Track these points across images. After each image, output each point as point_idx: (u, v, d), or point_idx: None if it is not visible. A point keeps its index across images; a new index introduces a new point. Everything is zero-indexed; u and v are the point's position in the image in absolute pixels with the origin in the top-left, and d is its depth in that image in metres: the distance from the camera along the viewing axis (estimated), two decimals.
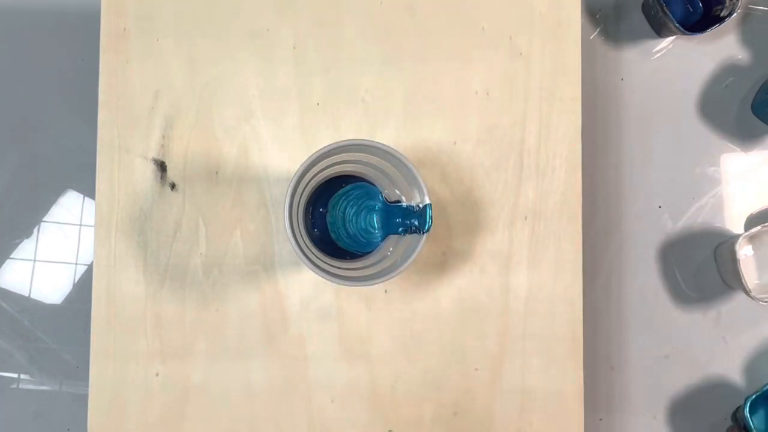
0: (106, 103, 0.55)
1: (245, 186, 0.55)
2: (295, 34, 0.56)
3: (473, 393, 0.55)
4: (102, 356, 0.54)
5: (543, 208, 0.56)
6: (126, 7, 0.56)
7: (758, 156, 0.67)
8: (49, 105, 0.66)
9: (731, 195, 0.67)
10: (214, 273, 0.55)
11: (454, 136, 0.56)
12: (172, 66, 0.56)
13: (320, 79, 0.56)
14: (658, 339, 0.66)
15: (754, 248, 0.64)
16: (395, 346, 0.55)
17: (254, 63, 0.56)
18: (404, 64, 0.56)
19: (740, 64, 0.67)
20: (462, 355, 0.55)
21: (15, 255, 0.65)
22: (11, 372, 0.64)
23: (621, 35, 0.67)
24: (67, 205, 0.65)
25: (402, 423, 0.55)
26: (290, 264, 0.55)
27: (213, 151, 0.55)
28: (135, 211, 0.55)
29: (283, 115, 0.56)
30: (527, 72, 0.57)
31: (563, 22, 0.57)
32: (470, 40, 0.57)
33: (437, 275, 0.55)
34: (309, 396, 0.55)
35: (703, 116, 0.67)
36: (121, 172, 0.55)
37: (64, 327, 0.65)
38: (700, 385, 0.66)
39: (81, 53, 0.66)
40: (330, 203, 0.53)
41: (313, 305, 0.55)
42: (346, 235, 0.53)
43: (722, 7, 0.63)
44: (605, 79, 0.66)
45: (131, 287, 0.54)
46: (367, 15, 0.57)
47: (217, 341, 0.55)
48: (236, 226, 0.55)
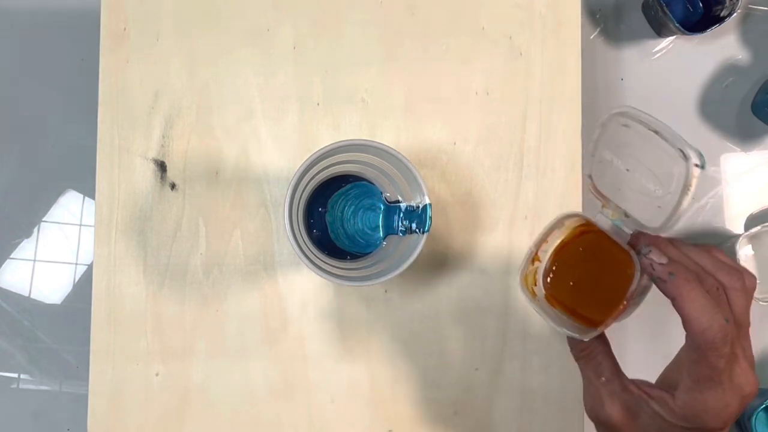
0: (106, 103, 0.55)
1: (245, 186, 0.55)
2: (295, 34, 0.56)
3: (473, 393, 0.55)
4: (102, 356, 0.54)
5: (543, 208, 0.56)
6: (126, 7, 0.56)
7: (758, 156, 0.67)
8: (49, 105, 0.66)
9: (731, 195, 0.67)
10: (214, 273, 0.55)
11: (454, 136, 0.56)
12: (172, 66, 0.56)
13: (320, 79, 0.56)
14: (659, 339, 0.66)
15: (754, 248, 0.64)
16: (395, 346, 0.55)
17: (254, 63, 0.56)
18: (404, 64, 0.56)
19: (740, 64, 0.67)
20: (462, 355, 0.55)
21: (15, 255, 0.65)
22: (11, 372, 0.64)
23: (621, 35, 0.67)
24: (67, 205, 0.65)
25: (402, 423, 0.55)
26: (290, 264, 0.55)
27: (213, 151, 0.55)
28: (135, 211, 0.55)
29: (283, 115, 0.56)
30: (527, 72, 0.57)
31: (563, 22, 0.57)
32: (470, 40, 0.57)
33: (437, 275, 0.55)
34: (309, 396, 0.55)
35: (703, 116, 0.67)
36: (121, 172, 0.55)
37: (64, 327, 0.65)
38: None
39: (81, 53, 0.65)
40: (329, 203, 0.53)
41: (313, 305, 0.55)
42: (344, 235, 0.53)
43: (722, 7, 0.62)
44: (605, 79, 0.66)
45: (131, 287, 0.54)
46: (367, 15, 0.57)
47: (217, 341, 0.55)
48: (236, 226, 0.55)
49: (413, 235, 0.47)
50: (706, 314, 0.31)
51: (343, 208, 0.53)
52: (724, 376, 0.31)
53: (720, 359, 0.31)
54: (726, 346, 0.31)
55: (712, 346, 0.30)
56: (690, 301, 0.31)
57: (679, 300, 0.31)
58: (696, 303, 0.31)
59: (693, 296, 0.31)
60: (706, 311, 0.31)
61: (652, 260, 0.32)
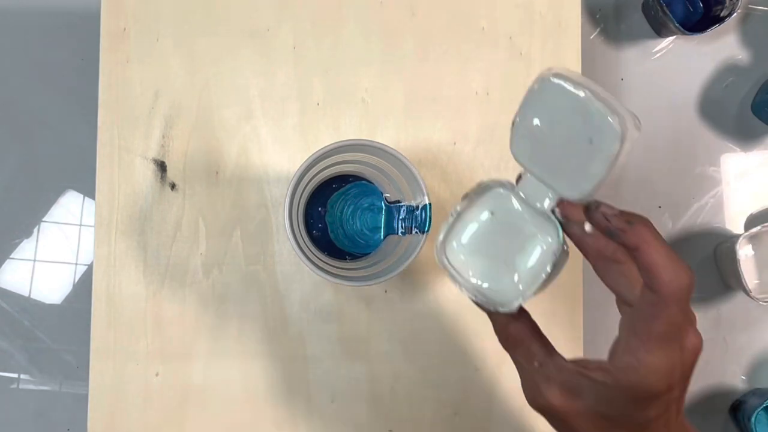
0: (106, 103, 0.55)
1: (245, 186, 0.55)
2: (295, 34, 0.56)
3: (473, 393, 0.55)
4: (102, 356, 0.54)
5: None
6: (126, 7, 0.56)
7: (758, 156, 0.67)
8: (49, 105, 0.66)
9: (731, 195, 0.67)
10: (214, 273, 0.55)
11: (454, 136, 0.56)
12: (172, 66, 0.56)
13: (320, 79, 0.56)
14: None
15: (754, 248, 0.64)
16: (395, 346, 0.55)
17: (254, 63, 0.56)
18: (404, 64, 0.56)
19: (740, 64, 0.67)
20: (462, 355, 0.55)
21: (15, 255, 0.65)
22: (11, 372, 0.64)
23: (621, 35, 0.67)
24: (67, 205, 0.65)
25: (402, 423, 0.55)
26: (290, 264, 0.55)
27: (213, 151, 0.55)
28: (135, 211, 0.55)
29: (283, 115, 0.56)
30: (527, 72, 0.57)
31: (563, 22, 0.57)
32: (470, 40, 0.57)
33: (437, 275, 0.55)
34: (309, 396, 0.55)
35: (703, 116, 0.67)
36: (121, 172, 0.55)
37: (64, 327, 0.65)
38: (699, 384, 0.66)
39: (81, 53, 0.65)
40: (329, 203, 0.53)
41: (313, 305, 0.55)
42: (343, 235, 0.53)
43: (722, 7, 0.62)
44: (605, 79, 0.66)
45: (131, 287, 0.54)
46: (367, 15, 0.57)
47: (217, 341, 0.55)
48: (236, 226, 0.55)
49: (413, 235, 0.47)
50: (674, 262, 0.27)
51: (343, 208, 0.53)
52: (681, 332, 0.28)
53: (680, 314, 0.28)
54: (689, 300, 0.28)
55: (678, 298, 0.27)
56: (656, 249, 0.28)
57: (645, 247, 0.28)
58: (662, 250, 0.28)
59: (658, 244, 0.28)
60: (673, 259, 0.28)
61: (605, 212, 0.29)
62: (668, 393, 0.29)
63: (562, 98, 0.29)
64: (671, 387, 0.29)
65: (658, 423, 0.30)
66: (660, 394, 0.29)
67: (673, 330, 0.28)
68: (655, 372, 0.28)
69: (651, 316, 0.28)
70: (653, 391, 0.29)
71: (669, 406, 0.30)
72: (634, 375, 0.29)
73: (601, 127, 0.28)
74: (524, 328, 0.33)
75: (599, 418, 0.30)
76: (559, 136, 0.30)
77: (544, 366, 0.32)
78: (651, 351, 0.28)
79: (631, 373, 0.29)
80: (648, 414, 0.30)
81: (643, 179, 0.66)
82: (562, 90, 0.29)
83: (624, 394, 0.29)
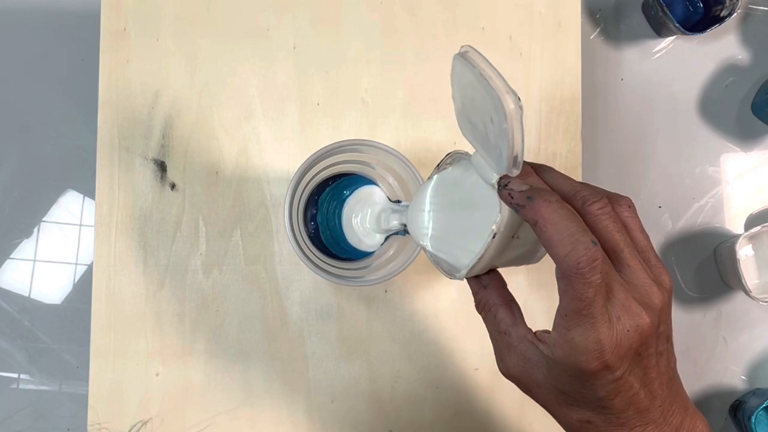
0: (106, 103, 0.55)
1: (245, 186, 0.55)
2: (295, 34, 0.56)
3: (473, 393, 0.55)
4: (102, 356, 0.54)
5: None
6: (126, 7, 0.56)
7: (758, 156, 0.67)
8: (49, 105, 0.66)
9: (731, 195, 0.67)
10: (214, 273, 0.55)
11: (454, 136, 0.56)
12: (172, 66, 0.56)
13: (320, 79, 0.56)
14: None
15: (754, 248, 0.64)
16: (395, 346, 0.55)
17: (254, 63, 0.56)
18: (404, 64, 0.56)
19: (740, 64, 0.67)
20: (462, 355, 0.55)
21: (15, 255, 0.65)
22: (11, 372, 0.64)
23: (621, 35, 0.67)
24: (67, 205, 0.65)
25: (402, 423, 0.55)
26: (290, 264, 0.55)
27: (213, 151, 0.55)
28: (135, 211, 0.55)
29: (283, 115, 0.56)
30: (527, 72, 0.57)
31: (563, 22, 0.57)
32: (470, 40, 0.57)
33: (437, 275, 0.55)
34: (309, 396, 0.55)
35: (703, 116, 0.67)
36: (121, 172, 0.55)
37: (64, 327, 0.65)
38: (699, 384, 0.66)
39: (81, 53, 0.65)
40: (319, 203, 0.52)
41: (313, 305, 0.55)
42: (331, 237, 0.52)
43: (722, 7, 0.62)
44: (605, 79, 0.66)
45: (131, 287, 0.54)
46: (367, 15, 0.57)
47: (217, 341, 0.55)
48: (236, 226, 0.55)
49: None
50: (570, 236, 0.27)
51: (329, 207, 0.52)
52: (594, 308, 0.27)
53: (587, 288, 0.27)
54: (595, 273, 0.27)
55: (577, 272, 0.27)
56: (552, 223, 0.27)
57: (541, 222, 0.28)
58: (558, 225, 0.27)
59: (555, 218, 0.27)
60: (569, 233, 0.27)
61: (511, 189, 0.29)
62: (607, 372, 0.28)
63: (468, 75, 0.29)
64: (607, 365, 0.28)
65: (616, 405, 0.29)
66: (595, 372, 0.28)
67: (584, 306, 0.27)
68: (578, 349, 0.28)
69: (561, 291, 0.28)
70: (584, 369, 0.28)
71: (620, 389, 0.29)
72: (559, 351, 0.28)
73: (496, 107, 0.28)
74: (492, 296, 0.33)
75: (558, 392, 0.30)
76: (478, 113, 0.30)
77: (506, 335, 0.32)
78: (569, 327, 0.28)
79: (557, 349, 0.29)
80: (596, 393, 0.29)
81: (643, 179, 0.66)
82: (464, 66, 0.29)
83: (562, 369, 0.29)
